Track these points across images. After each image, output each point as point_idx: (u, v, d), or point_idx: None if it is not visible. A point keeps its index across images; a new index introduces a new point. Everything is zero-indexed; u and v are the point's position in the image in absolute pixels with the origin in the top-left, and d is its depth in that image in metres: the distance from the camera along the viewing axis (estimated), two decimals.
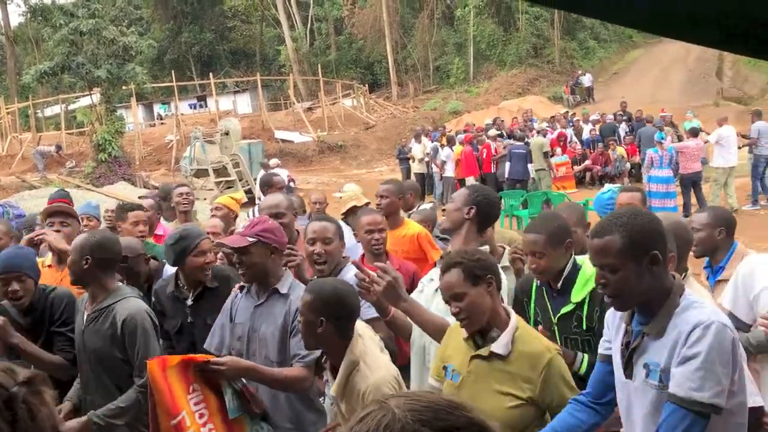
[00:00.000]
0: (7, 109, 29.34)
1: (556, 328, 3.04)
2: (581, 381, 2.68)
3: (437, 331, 2.86)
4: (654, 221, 2.13)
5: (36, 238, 4.17)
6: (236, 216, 5.74)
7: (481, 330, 2.59)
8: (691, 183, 12.76)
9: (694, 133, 13.45)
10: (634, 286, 2.10)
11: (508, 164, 15.08)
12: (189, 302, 3.77)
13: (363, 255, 4.17)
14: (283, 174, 14.60)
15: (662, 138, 13.67)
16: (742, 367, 2.08)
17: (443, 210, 4.57)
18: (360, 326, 2.81)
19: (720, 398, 1.96)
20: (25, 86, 34.57)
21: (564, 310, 3.00)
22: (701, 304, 2.09)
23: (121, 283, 3.64)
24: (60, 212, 4.51)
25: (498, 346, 2.51)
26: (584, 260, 2.94)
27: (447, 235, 4.01)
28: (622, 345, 2.22)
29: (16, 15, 51.95)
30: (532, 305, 3.20)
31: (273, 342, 3.21)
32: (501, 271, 2.77)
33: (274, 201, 4.22)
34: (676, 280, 2.15)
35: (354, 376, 2.64)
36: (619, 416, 2.40)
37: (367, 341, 2.78)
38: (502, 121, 21.35)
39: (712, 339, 1.96)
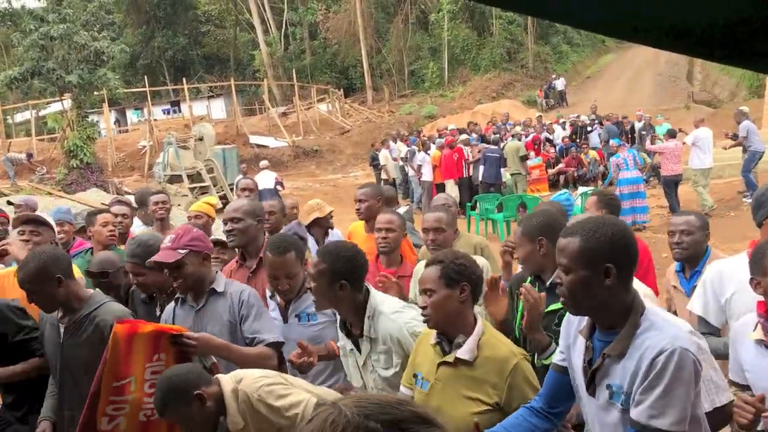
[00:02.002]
0: None
1: (543, 322, 3.04)
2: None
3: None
4: (620, 235, 2.08)
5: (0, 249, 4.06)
6: (213, 221, 5.69)
7: (447, 336, 2.60)
8: (674, 184, 12.87)
9: (672, 134, 13.63)
10: (584, 293, 2.08)
11: (481, 168, 15.16)
12: (158, 307, 3.80)
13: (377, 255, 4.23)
14: (271, 177, 14.55)
15: (619, 143, 13.85)
16: (700, 380, 2.08)
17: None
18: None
19: (681, 425, 1.96)
20: None
21: (551, 307, 2.97)
22: (662, 325, 2.06)
23: (90, 290, 3.60)
24: (31, 221, 4.42)
25: (463, 352, 2.52)
26: None
27: None
28: (584, 362, 2.20)
29: None
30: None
31: (222, 337, 3.26)
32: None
33: (234, 205, 4.28)
34: (636, 298, 2.11)
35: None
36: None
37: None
38: (476, 125, 21.48)
39: (674, 367, 1.94)
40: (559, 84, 32.54)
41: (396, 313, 2.95)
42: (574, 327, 2.30)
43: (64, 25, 19.59)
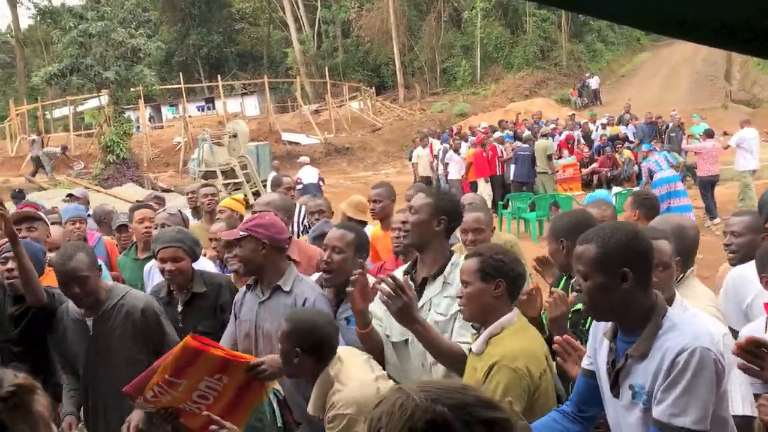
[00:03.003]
0: (16, 110, 29.50)
1: (569, 321, 3.08)
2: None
3: (445, 357, 2.81)
4: (634, 240, 2.10)
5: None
6: (241, 217, 5.77)
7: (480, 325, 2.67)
8: (710, 185, 12.63)
9: (710, 134, 13.34)
10: (602, 299, 2.12)
11: (513, 166, 15.07)
12: (179, 308, 3.82)
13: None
14: (314, 172, 14.67)
15: (649, 148, 13.64)
16: (724, 381, 2.08)
17: None
18: (342, 351, 2.85)
19: (703, 424, 1.97)
20: (33, 88, 34.83)
21: (577, 306, 2.98)
22: (683, 326, 2.08)
23: (107, 281, 3.70)
24: (26, 218, 4.52)
25: (475, 344, 2.60)
26: None
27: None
28: (607, 364, 2.22)
29: (25, 18, 52.40)
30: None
31: (277, 339, 3.18)
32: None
33: (266, 199, 4.31)
34: (658, 300, 2.14)
35: (330, 395, 2.72)
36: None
37: (346, 362, 2.81)
38: (507, 122, 21.34)
39: (696, 365, 1.96)
40: (593, 82, 32.18)
41: None
42: (600, 330, 2.32)
43: (102, 22, 19.95)
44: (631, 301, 2.10)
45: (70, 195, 7.99)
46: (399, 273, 3.15)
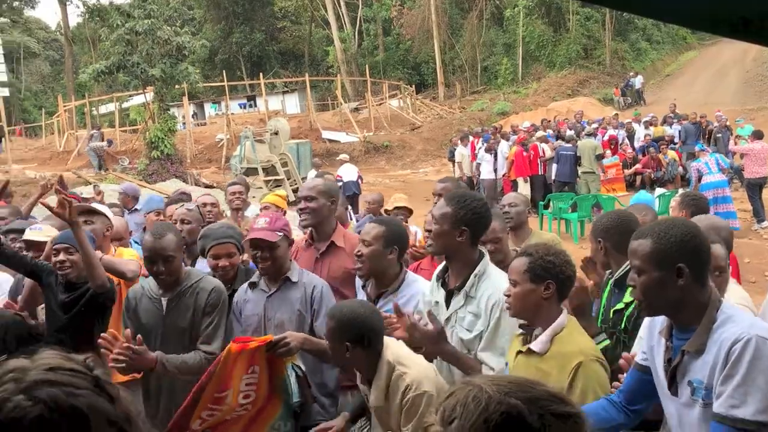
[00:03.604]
0: (64, 106, 30.26)
1: (610, 321, 3.12)
2: None
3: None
4: (691, 235, 2.10)
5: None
6: (284, 213, 5.84)
7: (531, 327, 2.65)
8: (758, 187, 12.34)
9: (758, 135, 13.03)
10: (657, 294, 2.12)
11: (555, 166, 14.92)
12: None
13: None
14: (354, 170, 14.79)
15: (701, 147, 13.35)
16: None
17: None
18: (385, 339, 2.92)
19: (764, 414, 1.93)
20: (81, 84, 35.70)
21: (617, 306, 3.08)
22: (738, 317, 2.07)
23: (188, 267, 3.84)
24: (84, 211, 4.65)
25: (535, 344, 2.56)
26: None
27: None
28: (664, 362, 2.22)
29: (74, 16, 53.68)
30: (605, 296, 3.28)
31: (291, 327, 3.38)
32: None
33: (310, 183, 4.31)
34: (713, 295, 2.13)
35: (395, 379, 2.75)
36: None
37: (394, 347, 2.88)
38: (549, 121, 21.12)
39: (752, 354, 1.94)
40: (637, 82, 31.64)
41: (504, 281, 2.96)
42: (656, 328, 2.31)
43: (148, 20, 20.28)
44: (687, 297, 2.10)
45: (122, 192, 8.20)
46: (434, 276, 3.22)
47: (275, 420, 3.28)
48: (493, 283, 2.89)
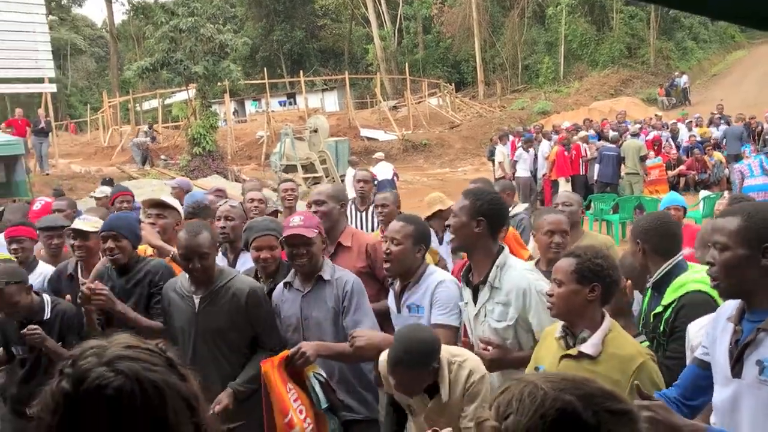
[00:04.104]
0: (109, 102, 30.89)
1: (650, 325, 3.10)
2: None
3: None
4: None
5: None
6: None
7: (572, 330, 2.61)
8: None
9: None
10: (738, 272, 2.10)
11: (597, 166, 14.69)
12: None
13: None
14: (389, 168, 14.79)
15: (747, 147, 12.98)
16: None
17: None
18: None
19: None
20: (126, 81, 36.40)
21: (656, 310, 3.06)
22: None
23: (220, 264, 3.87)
24: (157, 205, 4.70)
25: (587, 346, 2.53)
26: (694, 266, 3.04)
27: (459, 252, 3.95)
28: (730, 344, 2.18)
29: (119, 13, 54.76)
30: (646, 300, 3.26)
31: (327, 326, 3.45)
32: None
33: (320, 188, 4.46)
34: None
35: (456, 371, 2.82)
36: None
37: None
38: (591, 121, 20.83)
39: None
40: (682, 81, 31.01)
41: (526, 270, 3.05)
42: (722, 317, 2.29)
43: (192, 18, 20.56)
44: (766, 277, 2.09)
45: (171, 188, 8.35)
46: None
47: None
48: (517, 272, 2.96)
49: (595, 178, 14.70)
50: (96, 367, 1.07)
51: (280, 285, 3.70)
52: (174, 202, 4.92)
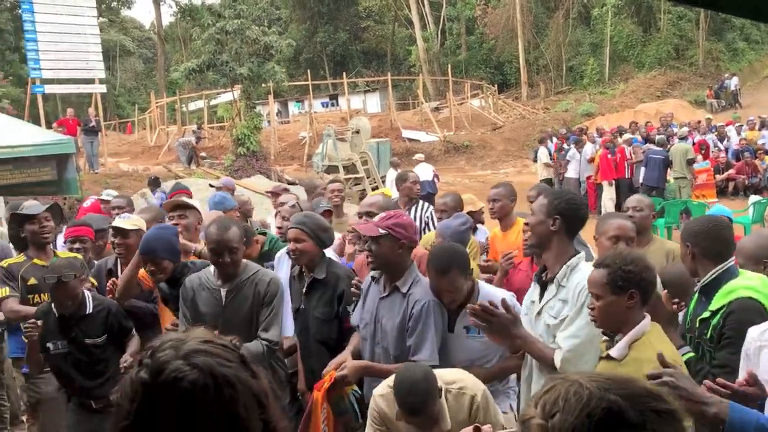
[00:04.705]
0: (156, 102, 31.51)
1: (696, 330, 3.07)
2: None
3: (550, 365, 2.91)
4: None
5: None
6: None
7: (613, 333, 2.64)
8: None
9: None
10: None
11: (643, 170, 14.45)
12: (303, 290, 4.03)
13: None
14: (428, 170, 14.80)
15: None
16: None
17: None
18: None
19: None
20: (172, 82, 37.06)
21: (703, 315, 3.03)
22: None
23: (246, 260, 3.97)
24: (178, 206, 4.84)
25: (614, 350, 2.57)
26: (745, 272, 3.00)
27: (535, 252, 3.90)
28: None
29: (167, 15, 55.78)
30: (692, 304, 3.22)
31: (392, 336, 3.43)
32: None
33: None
34: None
35: (454, 398, 2.90)
36: None
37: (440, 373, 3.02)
38: (636, 124, 20.50)
39: None
40: (732, 83, 30.22)
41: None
42: None
43: (238, 20, 20.85)
44: None
45: (210, 185, 8.53)
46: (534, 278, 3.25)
47: None
48: (585, 275, 2.90)
49: (641, 181, 14.46)
50: (173, 360, 1.12)
51: (370, 276, 3.72)
52: (193, 202, 5.06)
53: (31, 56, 18.66)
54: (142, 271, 4.25)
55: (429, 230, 5.85)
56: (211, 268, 3.82)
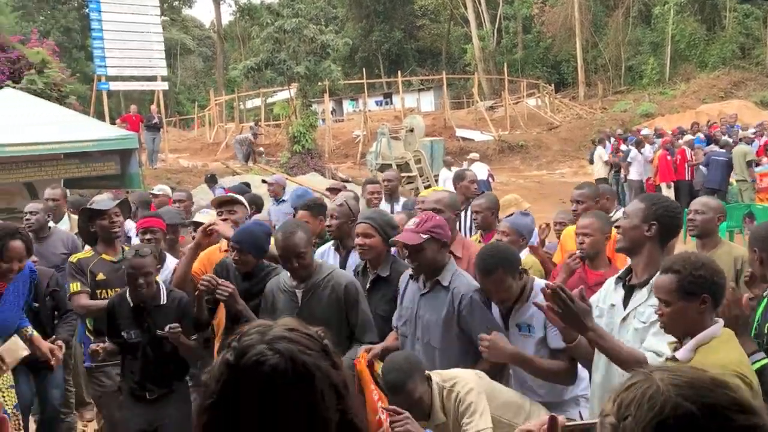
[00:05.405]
0: (215, 100, 32.17)
1: (765, 337, 3.01)
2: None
3: (623, 361, 2.81)
4: None
5: (208, 229, 4.47)
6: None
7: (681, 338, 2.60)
8: None
9: None
10: None
11: (704, 171, 14.07)
12: (367, 285, 4.07)
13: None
14: (482, 169, 14.76)
15: None
16: None
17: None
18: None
19: None
20: (231, 80, 37.75)
21: None
22: None
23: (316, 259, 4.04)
24: (227, 201, 4.93)
25: (680, 353, 2.51)
26: None
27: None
28: None
29: (226, 14, 56.83)
30: (760, 310, 3.16)
31: (436, 329, 3.47)
32: None
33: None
34: None
35: (446, 397, 3.02)
36: None
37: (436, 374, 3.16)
38: (698, 125, 19.95)
39: None
40: None
41: None
42: None
43: (296, 19, 21.15)
44: None
45: (263, 181, 8.70)
46: (611, 280, 3.19)
47: None
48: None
49: (702, 184, 14.10)
50: (257, 344, 1.18)
51: (407, 274, 3.76)
52: (241, 198, 5.13)
53: (97, 54, 19.31)
54: (195, 266, 4.39)
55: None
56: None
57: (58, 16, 44.48)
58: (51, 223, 5.67)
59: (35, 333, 4.12)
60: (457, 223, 6.04)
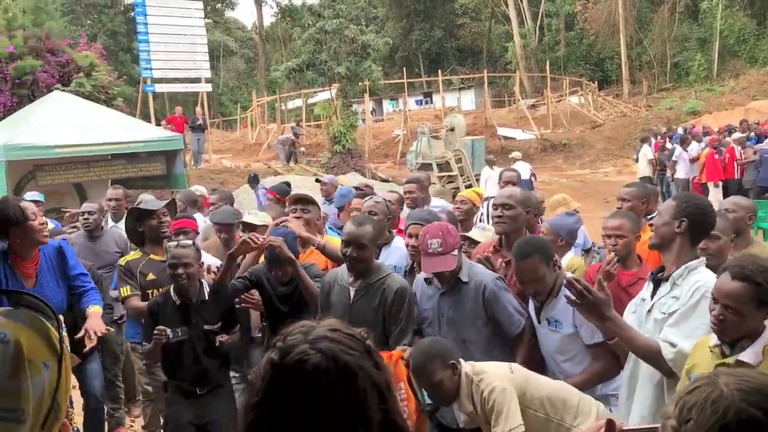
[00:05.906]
0: (257, 101, 32.52)
1: None
2: None
3: (642, 352, 2.87)
4: None
5: (281, 225, 4.50)
6: (477, 209, 5.92)
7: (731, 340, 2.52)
8: None
9: None
10: None
11: (756, 170, 13.70)
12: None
13: None
14: (525, 168, 14.64)
15: None
16: None
17: None
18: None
19: None
20: (272, 81, 38.13)
21: None
22: None
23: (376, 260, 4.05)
24: (301, 200, 4.95)
25: (747, 355, 2.43)
26: None
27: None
28: None
29: (268, 16, 57.44)
30: None
31: (463, 325, 3.58)
32: None
33: (509, 191, 4.32)
34: None
35: (474, 390, 3.03)
36: None
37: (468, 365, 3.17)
38: (747, 122, 19.45)
39: None
40: None
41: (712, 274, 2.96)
42: None
43: (337, 20, 21.25)
44: None
45: (317, 180, 8.77)
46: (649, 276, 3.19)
47: None
48: (704, 277, 2.86)
49: (755, 182, 13.74)
50: (301, 344, 1.20)
51: (421, 277, 3.83)
52: (315, 199, 5.16)
53: (143, 56, 19.68)
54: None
55: None
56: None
57: (104, 20, 45.48)
58: (111, 222, 5.78)
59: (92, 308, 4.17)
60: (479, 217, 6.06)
